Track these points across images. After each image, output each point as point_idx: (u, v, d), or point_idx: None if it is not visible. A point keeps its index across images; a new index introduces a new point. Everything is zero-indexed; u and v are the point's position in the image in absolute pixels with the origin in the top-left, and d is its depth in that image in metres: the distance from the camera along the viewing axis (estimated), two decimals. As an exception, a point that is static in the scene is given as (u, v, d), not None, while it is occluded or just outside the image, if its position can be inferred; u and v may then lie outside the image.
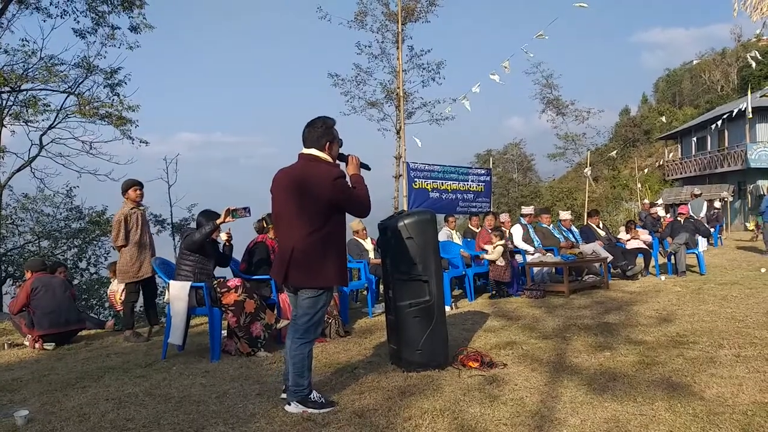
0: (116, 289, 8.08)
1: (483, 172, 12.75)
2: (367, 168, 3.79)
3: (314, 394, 3.55)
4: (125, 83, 15.12)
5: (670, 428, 3.01)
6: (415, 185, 10.90)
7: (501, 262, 7.93)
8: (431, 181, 11.16)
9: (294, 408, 3.49)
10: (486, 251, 8.06)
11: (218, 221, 5.05)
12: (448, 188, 11.43)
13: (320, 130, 3.54)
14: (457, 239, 9.23)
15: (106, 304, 12.18)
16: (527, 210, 9.71)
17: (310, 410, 3.46)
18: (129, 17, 14.96)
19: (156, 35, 15.92)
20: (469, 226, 10.12)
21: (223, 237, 5.39)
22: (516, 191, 41.88)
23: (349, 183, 3.54)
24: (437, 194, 11.20)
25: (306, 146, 3.57)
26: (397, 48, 19.99)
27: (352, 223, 8.10)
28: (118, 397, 3.99)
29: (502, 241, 8.05)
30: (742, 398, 3.41)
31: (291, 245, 3.46)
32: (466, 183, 11.80)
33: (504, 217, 10.01)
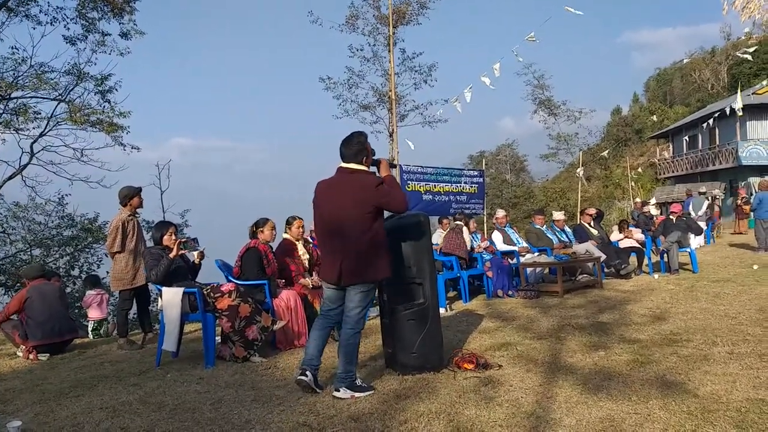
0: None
1: (476, 173, 12.77)
2: (394, 166, 4.25)
3: (359, 380, 3.94)
4: (116, 90, 15.07)
5: (665, 426, 3.02)
6: (409, 188, 10.89)
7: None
8: (424, 183, 11.17)
9: (343, 393, 3.81)
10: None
11: (171, 255, 5.22)
12: (441, 190, 11.44)
13: (356, 147, 3.99)
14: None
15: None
16: (499, 213, 9.76)
17: (357, 394, 3.81)
18: (119, 24, 14.93)
19: (147, 40, 15.88)
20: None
21: (196, 256, 5.60)
22: (509, 192, 41.97)
23: (386, 185, 3.99)
24: (430, 196, 11.20)
25: (345, 161, 4.00)
26: (389, 51, 20.05)
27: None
28: (113, 406, 3.97)
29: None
30: (735, 395, 3.43)
31: (342, 248, 3.86)
32: (459, 185, 11.81)
33: (499, 213, 10.00)
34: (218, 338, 5.35)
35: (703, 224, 15.23)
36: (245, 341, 5.01)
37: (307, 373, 3.92)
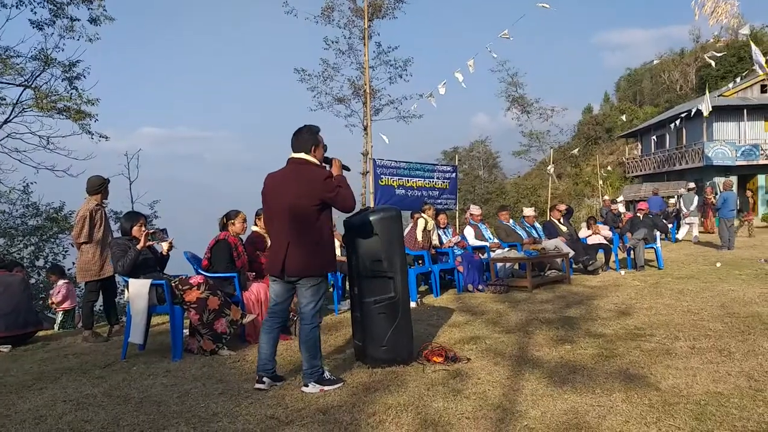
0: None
1: (449, 169, 12.83)
2: (348, 169, 4.17)
3: (327, 373, 3.95)
4: (84, 76, 14.70)
5: (627, 418, 3.09)
6: (382, 182, 10.89)
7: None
8: (397, 178, 11.18)
9: (312, 388, 3.82)
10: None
11: (139, 246, 5.15)
12: (414, 185, 11.46)
13: (306, 136, 3.94)
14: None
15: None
16: (475, 210, 9.81)
17: (326, 387, 3.82)
18: (88, 9, 14.55)
19: (117, 26, 15.55)
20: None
21: (164, 247, 5.50)
22: (482, 188, 42.26)
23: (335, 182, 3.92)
24: (403, 191, 11.22)
25: (295, 151, 3.94)
26: (364, 44, 20.00)
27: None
28: (76, 399, 3.90)
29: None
30: (696, 388, 3.52)
31: (286, 240, 3.80)
32: (431, 180, 11.86)
33: (475, 210, 10.02)
34: (186, 331, 5.30)
35: (695, 219, 15.61)
36: (214, 334, 4.97)
37: (264, 379, 3.92)
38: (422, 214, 8.55)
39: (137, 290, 4.98)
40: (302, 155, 3.91)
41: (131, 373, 4.56)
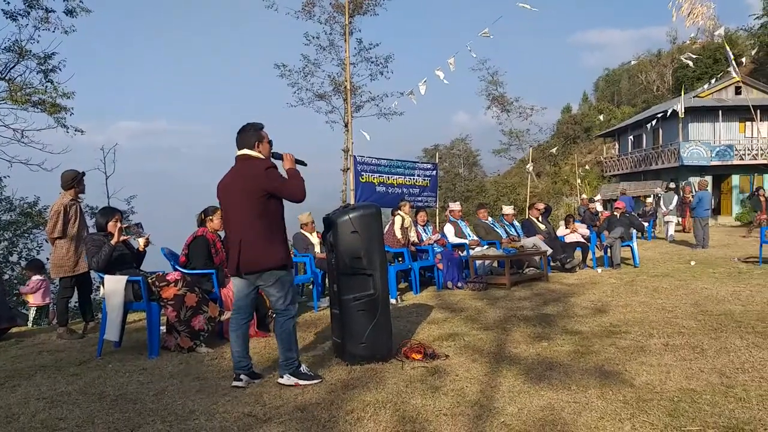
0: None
1: (429, 166, 12.87)
2: (303, 164, 4.14)
3: (303, 367, 3.98)
4: (60, 69, 14.48)
5: (602, 414, 3.13)
6: (362, 179, 10.88)
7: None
8: (378, 175, 11.18)
9: (287, 380, 3.87)
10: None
11: (113, 241, 5.08)
12: (395, 182, 11.47)
13: (250, 133, 3.94)
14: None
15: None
16: (455, 207, 9.85)
17: (302, 382, 3.86)
18: (64, 0, 14.32)
19: (94, 18, 15.30)
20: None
21: (141, 242, 5.44)
22: (462, 186, 42.43)
23: (285, 175, 3.94)
24: (383, 188, 11.22)
25: (239, 149, 3.96)
26: (345, 40, 19.94)
27: (301, 216, 8.01)
28: (50, 396, 3.84)
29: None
30: (669, 385, 3.58)
31: (239, 237, 3.82)
32: (412, 177, 11.88)
33: (455, 206, 10.06)
34: (163, 328, 5.24)
35: (673, 218, 15.79)
36: (191, 331, 4.92)
37: (241, 377, 3.92)
38: (399, 211, 8.56)
39: (113, 287, 4.91)
40: (245, 151, 3.91)
41: (107, 370, 4.51)
